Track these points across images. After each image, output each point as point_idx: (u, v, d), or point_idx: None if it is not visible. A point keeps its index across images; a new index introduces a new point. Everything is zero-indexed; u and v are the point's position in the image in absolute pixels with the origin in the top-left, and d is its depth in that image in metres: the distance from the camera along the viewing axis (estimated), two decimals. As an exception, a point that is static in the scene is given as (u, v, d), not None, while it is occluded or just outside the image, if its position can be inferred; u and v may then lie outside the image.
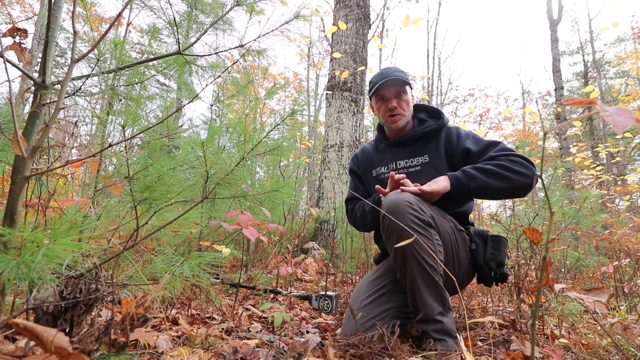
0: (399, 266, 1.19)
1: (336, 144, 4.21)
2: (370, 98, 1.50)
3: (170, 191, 0.94)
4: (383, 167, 1.52)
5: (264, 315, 1.59)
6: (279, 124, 1.22)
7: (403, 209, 1.14)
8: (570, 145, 9.64)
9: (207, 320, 1.38)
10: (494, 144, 1.35)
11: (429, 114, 1.51)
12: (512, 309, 1.64)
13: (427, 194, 1.22)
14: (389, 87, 1.42)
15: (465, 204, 1.42)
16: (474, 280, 1.43)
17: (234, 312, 1.49)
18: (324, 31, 12.98)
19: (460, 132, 1.43)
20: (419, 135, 1.44)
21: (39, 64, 0.86)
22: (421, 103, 1.56)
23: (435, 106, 1.52)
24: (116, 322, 0.70)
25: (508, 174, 1.23)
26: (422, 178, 1.32)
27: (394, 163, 1.49)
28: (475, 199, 1.58)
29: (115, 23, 0.95)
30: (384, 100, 1.45)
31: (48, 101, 0.88)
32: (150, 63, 1.21)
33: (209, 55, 1.20)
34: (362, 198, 1.53)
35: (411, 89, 1.49)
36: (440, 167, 1.38)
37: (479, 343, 1.24)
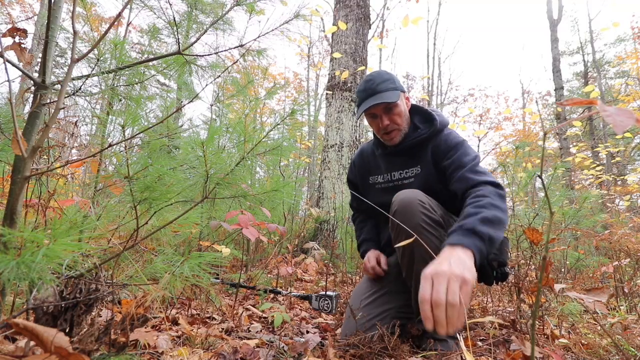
0: (405, 265, 1.18)
1: (336, 144, 4.21)
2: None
3: (170, 191, 0.94)
4: (379, 177, 1.48)
5: (264, 315, 1.59)
6: (278, 124, 1.22)
7: (414, 208, 1.12)
8: (570, 145, 9.64)
9: (207, 320, 1.38)
10: (477, 171, 1.21)
11: (422, 119, 1.41)
12: (512, 309, 1.63)
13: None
14: (376, 105, 1.30)
15: None
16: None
17: (234, 312, 1.49)
18: (324, 31, 12.98)
19: (450, 143, 1.30)
20: (411, 145, 1.36)
21: (39, 64, 0.86)
22: (416, 105, 1.46)
23: (430, 109, 1.41)
24: (116, 322, 0.70)
25: (505, 217, 1.10)
26: None
27: (389, 174, 1.44)
28: None
29: (115, 23, 0.95)
30: (375, 117, 1.35)
31: (48, 101, 0.88)
32: (150, 63, 1.21)
33: (209, 55, 1.20)
34: (369, 202, 1.47)
35: (404, 92, 1.37)
36: (431, 179, 1.32)
37: (479, 343, 1.24)
